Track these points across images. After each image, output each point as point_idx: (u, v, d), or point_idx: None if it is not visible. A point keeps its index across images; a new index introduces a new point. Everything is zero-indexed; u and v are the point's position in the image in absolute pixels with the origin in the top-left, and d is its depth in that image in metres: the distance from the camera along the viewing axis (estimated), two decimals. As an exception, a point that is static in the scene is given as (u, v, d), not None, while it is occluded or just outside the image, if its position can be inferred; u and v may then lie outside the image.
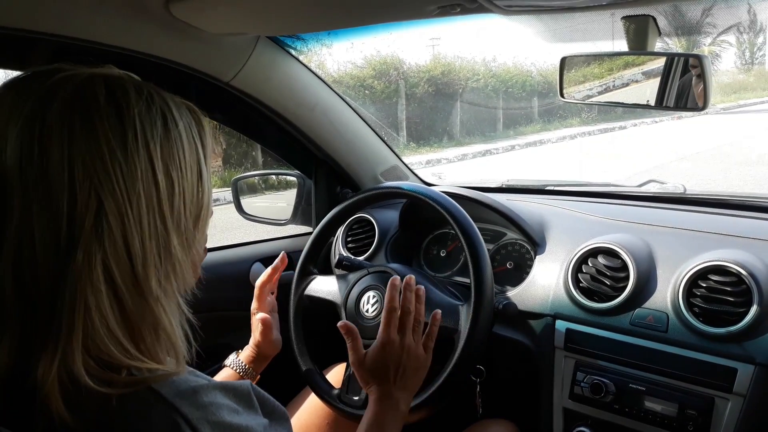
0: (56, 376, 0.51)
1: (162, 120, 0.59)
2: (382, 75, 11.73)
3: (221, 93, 1.34)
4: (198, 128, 0.64)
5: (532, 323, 1.20)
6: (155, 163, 0.57)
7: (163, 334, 0.59)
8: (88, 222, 0.53)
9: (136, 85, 0.59)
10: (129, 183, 0.55)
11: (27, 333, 0.54)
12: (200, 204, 0.63)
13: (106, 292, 0.54)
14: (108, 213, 0.54)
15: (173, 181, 0.59)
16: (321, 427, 1.23)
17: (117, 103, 0.56)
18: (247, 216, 1.75)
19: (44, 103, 0.54)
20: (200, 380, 0.58)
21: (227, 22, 1.14)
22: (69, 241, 0.53)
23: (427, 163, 9.83)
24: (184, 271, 0.62)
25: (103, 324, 0.54)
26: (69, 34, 1.02)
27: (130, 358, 0.55)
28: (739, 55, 21.05)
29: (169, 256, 0.59)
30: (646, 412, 1.05)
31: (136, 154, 0.56)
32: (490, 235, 1.40)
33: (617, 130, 13.45)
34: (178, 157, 0.60)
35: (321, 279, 1.27)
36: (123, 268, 0.55)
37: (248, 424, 0.58)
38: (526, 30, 1.79)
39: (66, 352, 0.52)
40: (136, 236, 0.55)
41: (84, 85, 0.56)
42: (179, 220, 0.60)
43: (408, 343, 0.95)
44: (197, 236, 0.64)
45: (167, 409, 0.54)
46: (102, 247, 0.54)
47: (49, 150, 0.53)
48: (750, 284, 1.01)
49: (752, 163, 8.21)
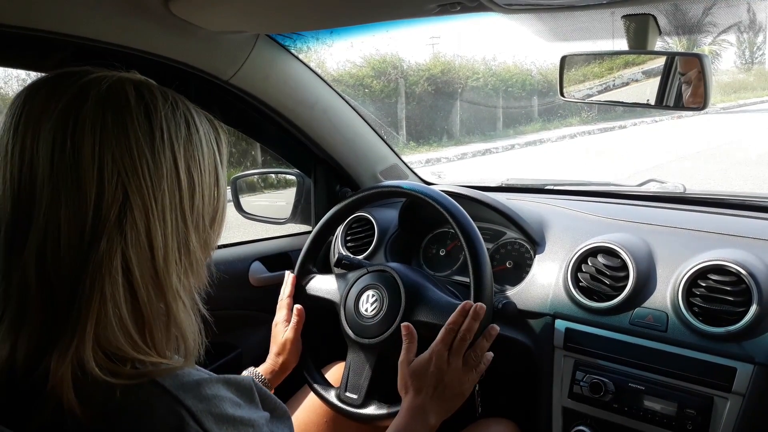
0: (69, 365, 0.53)
1: (186, 124, 0.63)
2: (382, 74, 11.72)
3: (220, 91, 1.34)
4: (216, 136, 0.68)
5: (532, 322, 1.20)
6: (179, 163, 0.61)
7: (176, 329, 0.61)
8: (113, 214, 0.56)
9: (161, 90, 0.63)
10: (155, 179, 0.58)
11: (47, 322, 0.55)
12: (216, 206, 0.67)
13: (123, 283, 0.56)
14: (133, 206, 0.57)
15: (194, 182, 0.62)
16: (319, 425, 1.24)
17: (146, 104, 0.60)
18: (247, 215, 1.75)
19: (78, 100, 0.57)
20: (202, 374, 0.59)
21: (226, 20, 1.14)
22: (93, 231, 0.56)
23: (427, 162, 9.83)
24: (200, 268, 0.65)
25: (116, 314, 0.56)
26: (68, 32, 1.01)
27: (137, 350, 0.57)
28: (739, 54, 21.06)
29: (188, 253, 0.62)
30: (646, 411, 1.05)
31: (162, 153, 0.59)
32: (490, 234, 1.40)
33: (617, 129, 13.46)
34: (199, 159, 0.63)
35: (320, 278, 1.27)
36: (144, 262, 0.58)
37: (250, 417, 0.59)
38: (525, 29, 1.79)
39: (80, 340, 0.54)
40: (159, 231, 0.58)
41: (116, 85, 0.59)
42: (198, 219, 0.63)
43: (455, 364, 0.98)
44: (213, 236, 0.68)
45: (171, 401, 0.55)
46: (124, 239, 0.56)
47: (81, 143, 0.56)
48: (749, 284, 1.01)
49: (752, 163, 8.21)
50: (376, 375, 1.12)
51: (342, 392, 1.15)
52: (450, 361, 0.97)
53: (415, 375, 0.98)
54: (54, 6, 0.97)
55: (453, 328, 0.99)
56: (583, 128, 13.21)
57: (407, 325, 1.02)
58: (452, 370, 0.97)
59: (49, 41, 1.02)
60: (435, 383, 0.96)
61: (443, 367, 0.97)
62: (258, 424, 0.59)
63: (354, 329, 1.15)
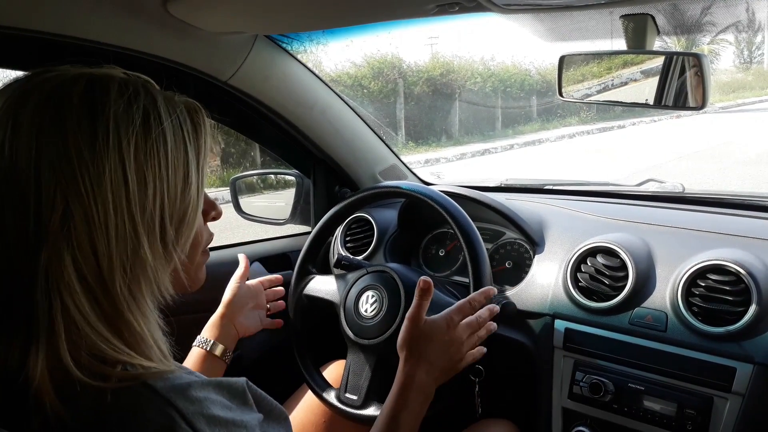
0: (45, 370, 0.52)
1: (144, 118, 0.58)
2: (381, 74, 11.73)
3: (219, 92, 1.34)
4: (193, 127, 0.63)
5: (531, 323, 1.20)
6: (126, 164, 0.56)
7: (138, 336, 0.58)
8: (54, 222, 0.53)
9: (121, 84, 0.59)
10: (95, 184, 0.54)
11: (17, 330, 0.54)
12: (185, 206, 0.62)
13: (82, 291, 0.54)
14: (74, 214, 0.54)
15: (146, 183, 0.57)
16: (318, 425, 1.23)
17: (92, 101, 0.56)
18: (246, 216, 1.75)
19: (18, 103, 0.55)
20: (193, 377, 0.58)
21: (225, 21, 1.14)
22: (36, 239, 0.53)
23: (426, 163, 9.84)
24: (158, 275, 0.60)
25: (85, 322, 0.54)
26: (66, 33, 1.01)
27: (120, 353, 0.55)
28: (737, 53, 21.08)
29: (138, 260, 0.57)
30: (645, 411, 1.05)
31: (105, 155, 0.55)
32: (489, 234, 1.40)
33: (616, 129, 13.47)
34: (158, 157, 0.58)
35: (320, 278, 1.27)
36: (90, 270, 0.55)
37: (242, 419, 0.58)
38: (524, 29, 1.79)
39: (51, 347, 0.53)
40: (102, 239, 0.55)
41: (62, 85, 0.56)
42: (152, 223, 0.58)
43: (461, 334, 0.96)
44: (181, 240, 0.62)
45: (162, 403, 0.54)
46: (70, 247, 0.54)
47: (18, 149, 0.54)
48: (749, 283, 1.01)
49: (751, 162, 8.21)
50: (376, 376, 1.11)
51: (342, 393, 1.14)
52: (459, 331, 0.96)
53: (422, 336, 0.95)
54: (53, 8, 0.97)
55: (472, 305, 0.98)
56: (582, 128, 13.22)
57: (426, 279, 0.97)
58: (457, 339, 0.96)
59: (48, 43, 1.02)
60: (438, 347, 0.95)
61: (450, 334, 0.95)
62: (250, 426, 0.59)
63: (354, 330, 1.15)
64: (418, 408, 0.92)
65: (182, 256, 0.64)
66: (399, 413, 0.91)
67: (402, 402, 0.91)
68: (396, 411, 0.91)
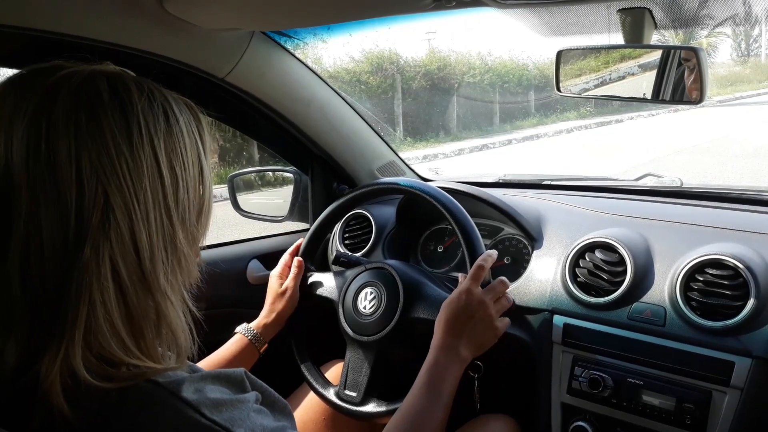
0: (58, 372, 0.52)
1: (164, 115, 0.60)
2: (378, 70, 11.71)
3: (216, 89, 1.33)
4: (197, 124, 0.65)
5: (530, 318, 1.20)
6: (159, 158, 0.58)
7: (167, 329, 0.60)
8: (95, 217, 0.54)
9: (136, 82, 0.60)
10: (135, 178, 0.56)
11: (33, 333, 0.54)
12: (202, 198, 0.65)
13: (113, 287, 0.55)
14: (115, 208, 0.55)
15: (177, 176, 0.60)
16: (318, 423, 1.23)
17: (121, 99, 0.57)
18: (244, 213, 1.74)
19: (49, 100, 0.55)
20: (193, 373, 0.59)
21: (221, 18, 1.13)
22: (77, 237, 0.54)
23: (424, 159, 9.83)
24: (189, 265, 0.63)
25: (107, 320, 0.54)
26: (62, 31, 1.01)
27: (130, 356, 0.56)
28: (735, 47, 21.07)
29: (175, 251, 0.60)
30: (644, 406, 1.05)
31: (141, 149, 0.57)
32: (488, 230, 1.40)
33: (614, 123, 13.47)
34: (181, 152, 0.61)
35: (318, 276, 1.27)
36: (130, 263, 0.56)
37: (244, 396, 0.60)
38: (520, 23, 1.78)
39: (68, 347, 0.53)
40: (143, 231, 0.57)
41: (87, 81, 0.57)
42: (184, 214, 0.61)
43: (485, 297, 0.99)
44: (200, 231, 0.66)
45: (167, 395, 0.55)
46: (109, 243, 0.54)
47: (56, 146, 0.54)
48: (747, 278, 1.01)
49: (749, 156, 8.22)
50: (375, 372, 1.12)
51: (341, 390, 1.15)
52: (481, 297, 0.99)
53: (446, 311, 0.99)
54: (48, 5, 0.96)
55: (483, 265, 1.01)
56: (580, 123, 13.22)
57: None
58: (483, 304, 0.98)
59: (44, 40, 1.01)
60: (466, 319, 0.97)
61: (474, 304, 0.98)
62: (246, 399, 0.60)
63: (352, 327, 1.15)
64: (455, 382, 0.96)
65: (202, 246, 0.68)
66: (440, 386, 0.94)
67: (445, 374, 0.95)
68: (437, 384, 0.94)
